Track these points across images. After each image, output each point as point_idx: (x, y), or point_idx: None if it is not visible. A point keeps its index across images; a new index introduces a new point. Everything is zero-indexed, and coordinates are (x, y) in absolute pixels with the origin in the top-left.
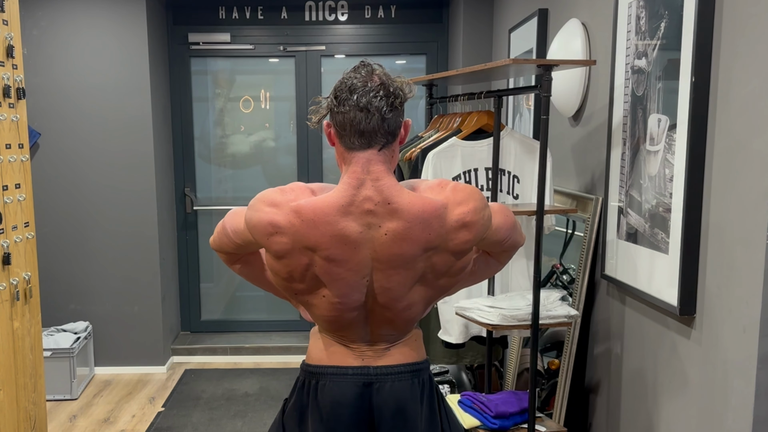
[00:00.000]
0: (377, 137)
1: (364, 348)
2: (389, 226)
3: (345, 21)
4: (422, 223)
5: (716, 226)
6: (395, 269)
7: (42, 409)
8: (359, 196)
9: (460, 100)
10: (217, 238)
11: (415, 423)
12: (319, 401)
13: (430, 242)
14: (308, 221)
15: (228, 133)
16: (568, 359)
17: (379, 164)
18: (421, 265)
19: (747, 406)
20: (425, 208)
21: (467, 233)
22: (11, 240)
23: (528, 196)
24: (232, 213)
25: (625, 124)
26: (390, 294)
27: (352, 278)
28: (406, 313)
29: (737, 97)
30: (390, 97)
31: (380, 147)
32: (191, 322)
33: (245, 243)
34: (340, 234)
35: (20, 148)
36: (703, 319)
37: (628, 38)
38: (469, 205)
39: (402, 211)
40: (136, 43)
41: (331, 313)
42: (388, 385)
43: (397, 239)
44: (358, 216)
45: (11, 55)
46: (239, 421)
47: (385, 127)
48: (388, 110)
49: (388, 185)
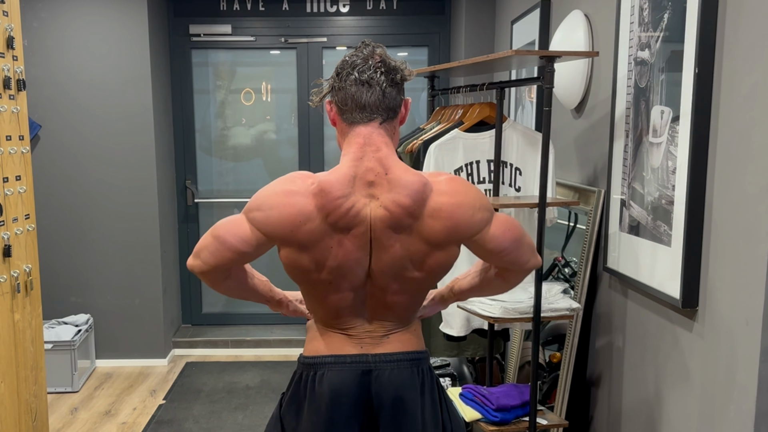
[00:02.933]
0: (378, 111)
1: (362, 335)
2: (386, 196)
3: (347, 13)
4: (408, 196)
5: (719, 219)
6: (389, 244)
7: (43, 401)
8: (362, 167)
9: (462, 92)
10: (210, 255)
11: (415, 412)
12: (317, 392)
13: (410, 215)
14: (332, 199)
15: (229, 126)
16: (569, 352)
17: (379, 137)
18: (406, 247)
19: (749, 399)
20: (413, 179)
21: (438, 223)
22: (12, 232)
23: (530, 188)
24: (226, 223)
25: (628, 116)
26: (385, 273)
27: (359, 253)
28: (399, 298)
29: (741, 89)
30: (390, 73)
31: (381, 121)
32: (192, 314)
33: (256, 247)
34: (352, 205)
35: (21, 139)
36: (705, 312)
37: (631, 29)
38: (453, 198)
39: (397, 181)
40: (137, 35)
41: (335, 297)
42: (387, 373)
43: (389, 209)
44: (361, 187)
45: (11, 46)
46: (240, 414)
47: (386, 101)
48: (388, 85)
49: (386, 155)
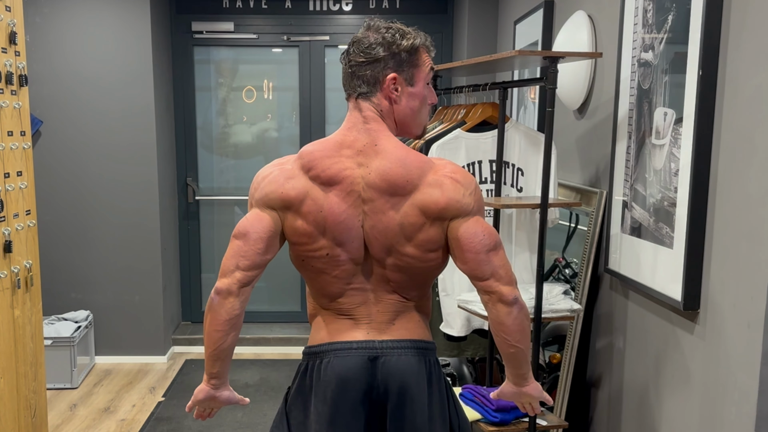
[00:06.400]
0: (359, 85)
1: (368, 318)
2: (376, 164)
3: (349, 11)
4: (403, 167)
5: (721, 221)
6: (383, 208)
7: (42, 397)
8: (350, 136)
9: (465, 91)
10: (243, 259)
11: (422, 401)
12: (323, 380)
13: (409, 183)
14: (310, 159)
15: (230, 123)
16: (570, 353)
17: (368, 110)
18: (400, 214)
19: (750, 401)
20: (410, 155)
21: (437, 192)
22: (12, 228)
23: (532, 188)
24: (239, 226)
25: (631, 118)
26: (379, 242)
27: (350, 210)
28: (397, 276)
29: (744, 91)
30: (371, 48)
31: (360, 94)
32: (192, 312)
33: (274, 230)
34: (333, 164)
35: (22, 135)
36: (707, 315)
37: (634, 31)
38: (455, 175)
39: (387, 152)
40: (140, 32)
41: (337, 271)
42: (394, 359)
43: (379, 177)
44: (350, 155)
45: (14, 41)
46: (239, 412)
47: (365, 76)
48: (364, 60)
49: (376, 129)
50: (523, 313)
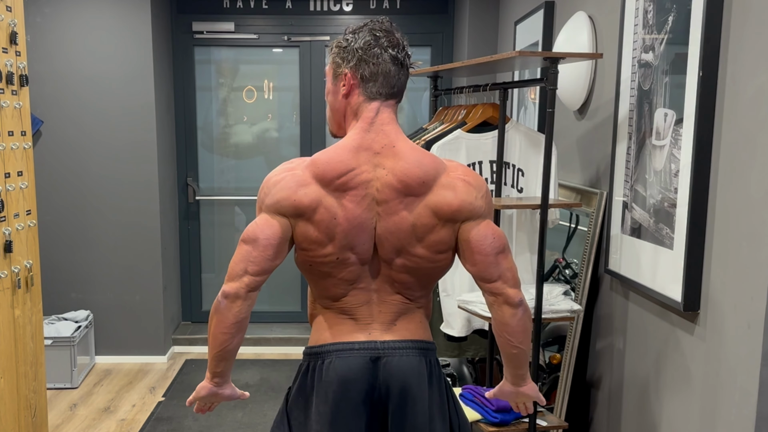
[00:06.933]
0: (400, 91)
1: (370, 319)
2: (393, 165)
3: (350, 11)
4: (420, 168)
5: (722, 222)
6: (397, 208)
7: (42, 397)
8: (368, 138)
9: (465, 92)
10: (252, 264)
11: (423, 402)
12: (325, 381)
13: (424, 184)
14: (324, 166)
15: (231, 123)
16: (570, 354)
17: (389, 115)
18: (413, 215)
19: (750, 402)
20: (421, 154)
21: (451, 193)
22: (13, 228)
23: (532, 189)
24: (247, 230)
25: (631, 119)
26: (390, 243)
27: (365, 215)
28: (404, 276)
29: (745, 92)
30: (408, 56)
31: (397, 101)
32: (192, 312)
33: (283, 236)
34: (349, 170)
35: (23, 135)
36: (707, 315)
37: (635, 32)
38: (468, 177)
39: (404, 154)
40: (140, 32)
41: (343, 272)
42: (396, 360)
43: (397, 178)
44: (367, 157)
45: (14, 41)
46: (239, 412)
47: (403, 83)
48: (408, 67)
49: (395, 131)
50: (527, 314)
